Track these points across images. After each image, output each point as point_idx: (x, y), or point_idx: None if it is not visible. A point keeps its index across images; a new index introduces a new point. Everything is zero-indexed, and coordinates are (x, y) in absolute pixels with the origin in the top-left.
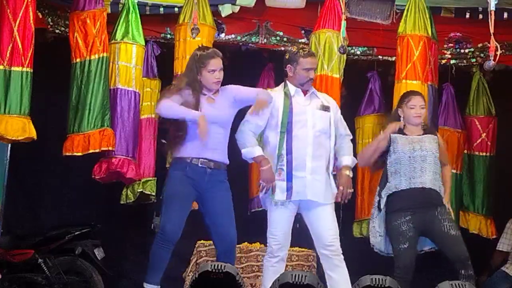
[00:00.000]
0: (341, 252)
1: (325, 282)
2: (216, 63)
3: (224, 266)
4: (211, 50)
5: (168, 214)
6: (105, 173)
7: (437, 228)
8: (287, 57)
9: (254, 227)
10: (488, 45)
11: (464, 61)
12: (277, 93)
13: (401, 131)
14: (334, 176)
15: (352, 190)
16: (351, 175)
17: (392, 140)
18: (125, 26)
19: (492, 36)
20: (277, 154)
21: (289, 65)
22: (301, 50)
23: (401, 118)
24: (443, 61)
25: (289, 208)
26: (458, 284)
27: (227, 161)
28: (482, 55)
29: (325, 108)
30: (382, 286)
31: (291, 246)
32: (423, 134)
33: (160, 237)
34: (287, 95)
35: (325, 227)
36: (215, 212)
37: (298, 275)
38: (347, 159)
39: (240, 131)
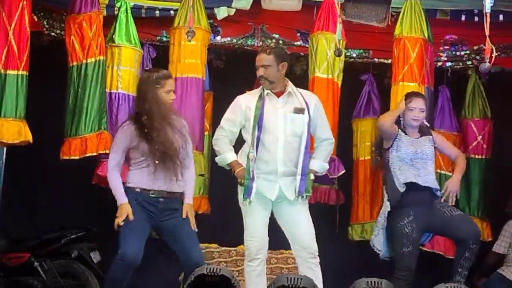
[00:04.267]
0: (318, 254)
1: None
2: (172, 84)
3: (220, 269)
4: (166, 71)
5: (128, 240)
6: (95, 177)
7: (439, 216)
8: None
9: None
10: (484, 47)
11: (460, 63)
12: (252, 96)
13: (403, 131)
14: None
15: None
16: (312, 178)
17: (397, 136)
18: (120, 30)
19: (487, 39)
20: (247, 155)
21: None
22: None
23: (401, 118)
24: (439, 64)
25: (264, 209)
26: (453, 286)
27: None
28: (477, 57)
29: (299, 111)
30: None
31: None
32: (420, 137)
33: (121, 264)
34: (260, 97)
35: (301, 229)
36: (178, 238)
37: (294, 278)
38: (315, 164)
39: (215, 139)
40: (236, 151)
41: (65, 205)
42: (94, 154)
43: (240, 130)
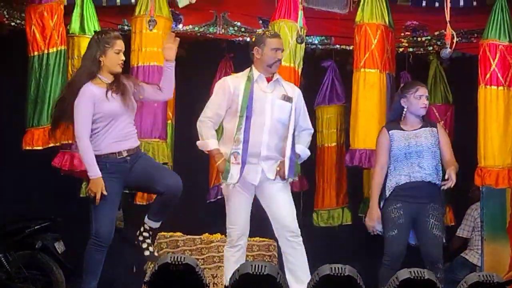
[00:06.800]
0: (300, 234)
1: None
2: (122, 44)
3: (184, 258)
4: (116, 32)
5: (99, 218)
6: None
7: (422, 221)
8: (253, 39)
9: (214, 217)
10: (445, 33)
11: (421, 49)
12: (239, 78)
13: (398, 127)
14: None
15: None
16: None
17: (390, 137)
18: (81, 19)
19: (448, 24)
20: (234, 137)
21: (256, 47)
22: (267, 32)
23: (405, 109)
24: (400, 50)
25: (246, 194)
26: (417, 271)
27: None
28: (439, 43)
29: (287, 99)
30: (342, 275)
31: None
32: (420, 128)
33: (95, 242)
34: (249, 80)
35: (281, 208)
36: (149, 173)
37: (258, 265)
38: (299, 148)
39: (200, 120)
40: None
41: (29, 195)
42: (57, 144)
43: None
